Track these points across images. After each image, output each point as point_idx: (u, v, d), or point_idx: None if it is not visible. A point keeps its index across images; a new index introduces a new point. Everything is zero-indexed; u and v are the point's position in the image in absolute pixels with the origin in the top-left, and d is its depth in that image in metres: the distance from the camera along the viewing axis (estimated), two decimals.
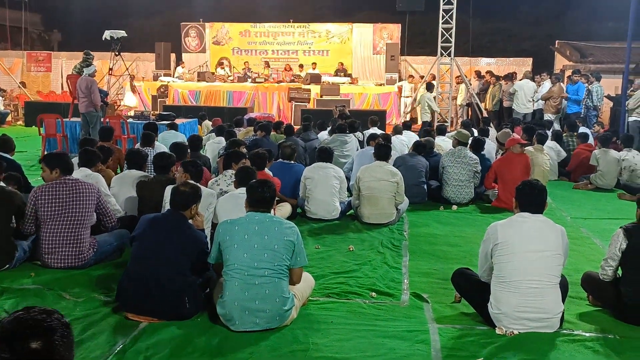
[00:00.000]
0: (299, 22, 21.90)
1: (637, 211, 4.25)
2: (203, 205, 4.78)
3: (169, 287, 3.92)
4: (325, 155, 7.05)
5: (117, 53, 15.11)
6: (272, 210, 4.25)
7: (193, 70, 20.57)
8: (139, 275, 3.99)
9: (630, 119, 13.19)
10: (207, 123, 12.70)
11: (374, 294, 4.58)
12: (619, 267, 4.17)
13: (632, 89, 13.81)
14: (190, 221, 4.26)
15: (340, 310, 4.27)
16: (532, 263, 3.77)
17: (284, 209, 6.61)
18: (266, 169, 6.57)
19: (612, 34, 23.12)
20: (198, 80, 18.76)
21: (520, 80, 14.72)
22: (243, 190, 4.43)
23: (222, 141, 8.91)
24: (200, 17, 22.39)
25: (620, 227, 4.16)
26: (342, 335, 3.84)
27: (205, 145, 9.28)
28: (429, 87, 15.40)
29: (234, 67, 21.00)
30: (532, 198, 3.92)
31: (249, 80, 18.58)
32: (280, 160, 7.41)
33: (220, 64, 20.99)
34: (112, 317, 4.05)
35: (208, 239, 4.76)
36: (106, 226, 5.24)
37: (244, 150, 6.79)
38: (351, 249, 5.77)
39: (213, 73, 19.75)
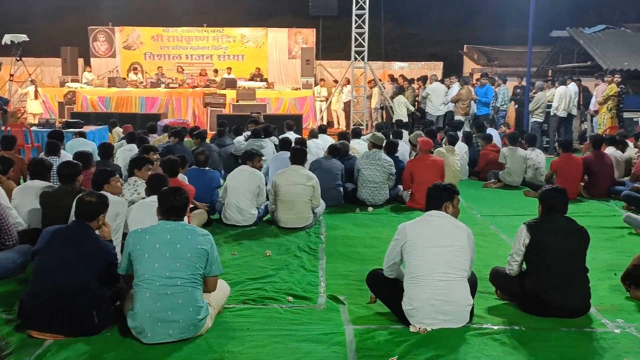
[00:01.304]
0: (212, 26, 21.64)
1: (539, 207, 4.45)
2: (110, 214, 4.61)
3: (75, 301, 3.75)
4: (249, 156, 7.00)
5: (18, 58, 14.40)
6: (186, 218, 4.15)
7: (103, 75, 19.89)
8: (41, 291, 3.79)
9: (532, 119, 13.89)
10: (118, 130, 12.31)
11: (290, 298, 4.57)
12: (524, 262, 4.34)
13: (534, 91, 14.55)
14: (97, 232, 4.10)
15: (256, 316, 4.23)
16: (438, 257, 3.91)
17: (199, 216, 6.49)
18: (180, 176, 6.44)
19: (515, 39, 24.26)
20: (109, 86, 18.16)
21: (431, 83, 15.15)
22: (154, 198, 4.32)
23: (134, 148, 8.66)
24: (109, 21, 21.69)
25: (524, 223, 4.34)
26: (258, 341, 3.81)
27: (116, 153, 8.98)
28: (401, 91, 15.56)
29: (146, 72, 20.48)
30: (439, 198, 4.08)
31: (163, 85, 18.17)
32: (194, 167, 7.28)
33: (132, 69, 20.41)
34: (14, 336, 3.82)
35: (118, 250, 4.63)
36: (6, 245, 4.92)
37: (155, 157, 6.62)
38: (268, 254, 5.74)
39: (124, 78, 19.20)
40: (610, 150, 9.43)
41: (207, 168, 7.30)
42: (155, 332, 3.69)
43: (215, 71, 19.80)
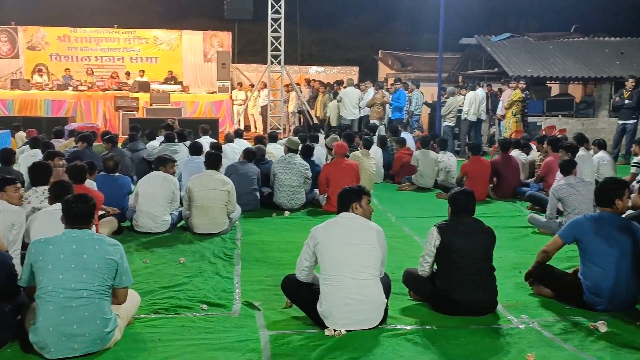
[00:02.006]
0: (124, 27, 21.00)
1: (448, 209, 4.57)
2: (5, 225, 4.38)
3: None
4: (162, 162, 6.81)
5: None
6: (94, 227, 3.98)
7: (5, 77, 18.88)
8: None
9: (444, 123, 14.35)
10: (22, 134, 11.73)
11: (204, 306, 4.48)
12: (435, 263, 4.45)
13: (445, 95, 15.04)
14: None
15: (168, 326, 4.11)
16: (350, 257, 3.95)
17: (108, 224, 6.24)
18: (88, 182, 6.19)
19: (428, 45, 25.03)
20: (11, 89, 17.24)
21: (345, 88, 15.35)
22: (59, 206, 4.11)
23: (38, 154, 8.27)
24: (12, 20, 20.62)
25: (434, 225, 4.45)
26: (170, 352, 3.70)
27: (18, 158, 8.53)
28: (316, 95, 15.56)
29: (52, 74, 19.59)
30: (350, 201, 4.13)
31: (70, 88, 17.45)
32: (103, 173, 7.01)
33: (37, 70, 19.48)
34: None
35: (17, 261, 4.39)
36: None
37: (61, 162, 6.32)
38: (182, 261, 5.61)
39: (29, 80, 18.29)
40: (515, 153, 9.86)
41: (117, 174, 7.05)
42: (60, 346, 3.51)
43: (127, 74, 19.24)
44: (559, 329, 4.13)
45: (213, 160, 6.92)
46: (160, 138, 10.32)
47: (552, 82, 17.20)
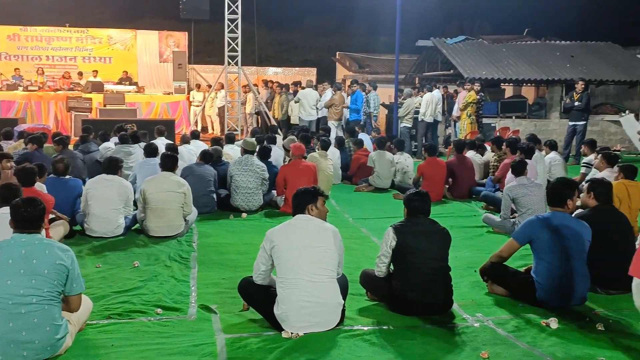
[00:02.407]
0: (76, 26, 20.52)
1: (404, 210, 4.61)
2: None
3: None
4: (111, 166, 6.64)
5: None
6: (44, 231, 3.87)
7: None
8: None
9: (401, 125, 14.50)
10: None
11: (159, 310, 4.40)
12: (391, 263, 4.48)
13: (402, 97, 15.19)
14: None
15: (122, 331, 4.02)
16: (306, 259, 3.94)
17: (59, 228, 6.08)
18: (38, 185, 6.02)
19: (385, 47, 25.24)
20: None
21: (303, 89, 15.36)
22: (7, 210, 3.98)
23: None
24: None
25: (391, 226, 4.49)
26: (123, 358, 3.62)
27: None
28: (272, 96, 15.43)
29: (1, 74, 18.99)
30: (306, 202, 4.12)
31: (20, 88, 16.97)
32: (52, 175, 6.82)
33: None
34: None
35: None
36: None
37: (10, 164, 6.13)
38: (136, 265, 5.51)
39: None
40: (470, 154, 10.03)
41: (67, 176, 6.86)
42: (8, 354, 3.40)
43: (80, 74, 18.82)
44: (512, 327, 4.21)
45: (169, 162, 6.82)
46: (114, 139, 10.13)
47: (506, 84, 17.55)
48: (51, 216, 6.09)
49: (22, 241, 3.57)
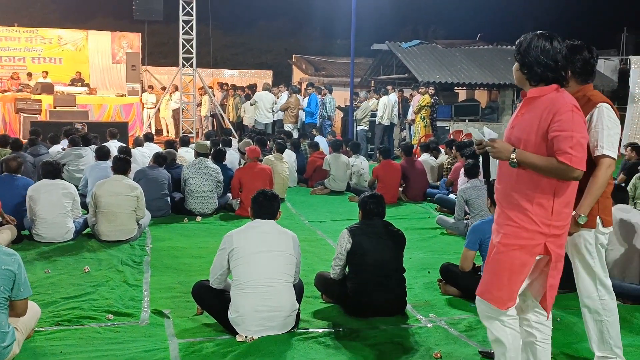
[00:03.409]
0: (24, 26, 19.97)
1: (359, 213, 4.64)
2: None
3: None
4: (51, 170, 6.46)
5: None
6: None
7: None
8: None
9: (358, 127, 14.60)
10: None
11: (110, 316, 4.32)
12: (346, 265, 4.50)
13: (358, 100, 15.29)
14: None
15: (71, 338, 3.93)
16: (264, 264, 3.93)
17: (5, 233, 5.89)
18: None
19: (341, 50, 25.37)
20: None
21: (260, 92, 15.31)
22: None
23: None
24: None
25: (346, 228, 4.51)
26: None
27: None
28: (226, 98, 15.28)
29: None
30: (264, 206, 4.11)
31: None
32: (5, 174, 6.63)
33: None
34: None
35: None
36: None
37: None
38: (87, 270, 5.39)
39: None
40: (424, 157, 10.16)
41: (19, 175, 6.69)
42: None
43: (29, 74, 18.31)
44: (464, 326, 4.28)
45: (121, 165, 6.70)
46: (64, 142, 9.90)
47: (459, 87, 17.86)
48: None
49: None
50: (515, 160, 2.81)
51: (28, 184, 6.55)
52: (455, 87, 17.61)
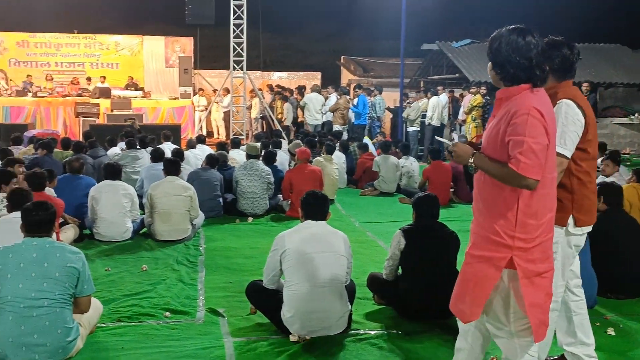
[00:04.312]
0: (84, 33, 20.65)
1: (413, 214, 4.64)
2: None
3: None
4: (112, 172, 6.71)
5: None
6: (55, 235, 3.92)
7: None
8: None
9: (410, 128, 14.52)
10: None
11: (168, 313, 4.45)
12: (399, 267, 4.50)
13: (408, 101, 15.21)
14: None
15: (131, 334, 4.07)
16: (316, 265, 3.95)
17: (69, 232, 6.14)
18: (47, 190, 6.10)
19: (389, 51, 25.23)
20: None
21: (309, 93, 15.41)
22: (18, 214, 4.04)
23: None
24: None
25: (399, 229, 4.51)
26: None
27: None
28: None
29: (11, 79, 19.14)
30: (315, 207, 4.14)
31: (30, 94, 17.09)
32: (67, 174, 6.93)
33: None
34: None
35: None
36: None
37: (21, 169, 6.21)
38: (144, 269, 5.56)
39: None
40: None
41: (81, 175, 6.99)
42: (19, 357, 3.45)
43: (88, 79, 18.92)
44: None
45: (172, 167, 6.89)
46: (122, 144, 10.20)
47: None
48: (61, 220, 6.16)
49: (33, 245, 3.62)
50: (472, 164, 2.69)
51: (90, 183, 6.83)
52: None
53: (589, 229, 3.27)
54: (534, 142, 2.51)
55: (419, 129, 14.42)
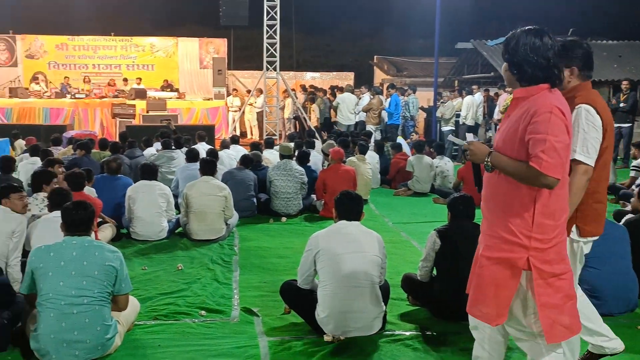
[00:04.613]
0: (120, 35, 21.04)
1: (448, 214, 4.59)
2: (6, 232, 4.43)
3: None
4: (149, 172, 6.81)
5: None
6: (93, 234, 4.00)
7: (3, 85, 18.88)
8: None
9: (445, 128, 14.39)
10: (21, 142, 11.73)
11: (203, 312, 4.50)
12: (434, 268, 4.47)
13: (442, 100, 15.08)
14: None
15: (168, 332, 4.13)
16: (350, 265, 3.94)
17: (107, 231, 6.26)
18: (87, 189, 6.24)
19: (422, 50, 25.07)
20: (10, 97, 17.24)
21: (342, 94, 15.41)
22: (58, 213, 4.13)
23: (37, 162, 8.28)
24: (10, 29, 20.64)
25: (434, 230, 4.47)
26: (169, 358, 3.73)
27: (18, 166, 8.53)
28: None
29: (50, 82, 19.61)
30: (349, 207, 4.12)
31: (68, 96, 17.47)
32: (104, 174, 7.07)
33: (34, 79, 19.47)
34: None
35: (18, 268, 4.48)
36: None
37: (61, 169, 6.35)
38: (180, 268, 5.62)
39: (27, 88, 18.29)
40: None
41: (119, 175, 7.13)
42: (61, 353, 3.53)
43: (125, 80, 19.25)
44: None
45: (208, 167, 6.95)
46: (157, 145, 10.35)
47: None
48: (99, 220, 6.28)
49: (73, 244, 3.70)
50: (489, 163, 2.67)
51: (128, 183, 6.95)
52: None
53: (594, 239, 3.19)
54: (556, 141, 2.49)
55: (453, 128, 14.29)
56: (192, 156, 8.22)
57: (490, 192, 2.74)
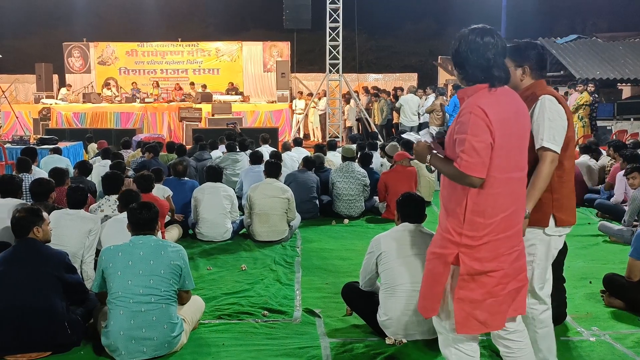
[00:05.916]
0: (187, 40, 21.60)
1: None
2: (82, 231, 4.60)
3: (42, 319, 3.68)
4: (214, 174, 6.95)
5: None
6: (160, 234, 4.10)
7: (78, 91, 19.73)
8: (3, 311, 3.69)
9: None
10: (93, 146, 12.20)
11: (266, 312, 4.54)
12: None
13: None
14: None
15: (232, 331, 4.19)
16: (413, 268, 3.88)
17: (173, 231, 6.42)
18: (160, 187, 6.46)
19: None
20: (83, 102, 18.01)
21: (405, 95, 15.25)
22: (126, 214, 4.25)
23: (108, 164, 8.55)
24: (84, 37, 21.54)
25: None
26: (234, 357, 3.77)
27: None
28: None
29: (121, 87, 20.35)
30: (411, 209, 4.06)
31: (138, 100, 18.06)
32: (172, 177, 7.27)
33: (106, 84, 20.26)
34: None
35: (91, 267, 4.66)
36: None
37: (129, 172, 6.55)
38: (244, 268, 5.70)
39: (99, 94, 19.05)
40: (584, 159, 9.53)
41: (185, 178, 7.31)
42: (129, 350, 3.64)
43: (192, 84, 19.74)
44: (632, 342, 3.97)
45: (273, 169, 7.01)
46: (222, 147, 10.54)
47: (623, 84, 16.56)
48: (167, 219, 6.46)
49: (139, 243, 3.81)
50: (428, 164, 2.79)
51: (194, 185, 7.13)
52: (619, 84, 16.35)
53: (568, 230, 3.23)
54: (475, 140, 2.53)
55: None
56: (256, 158, 8.33)
57: (441, 191, 2.85)
